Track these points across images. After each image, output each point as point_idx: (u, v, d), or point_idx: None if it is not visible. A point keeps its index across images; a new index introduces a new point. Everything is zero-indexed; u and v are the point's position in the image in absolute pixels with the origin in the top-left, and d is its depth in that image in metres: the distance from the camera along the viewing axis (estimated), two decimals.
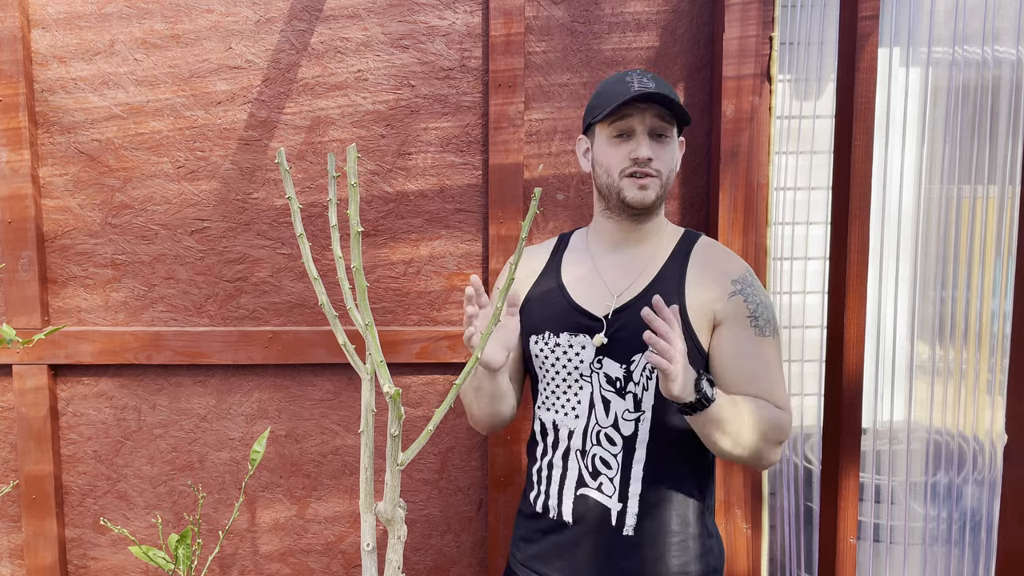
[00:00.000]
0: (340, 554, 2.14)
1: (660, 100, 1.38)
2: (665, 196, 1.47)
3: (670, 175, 1.45)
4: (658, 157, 1.42)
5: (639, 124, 1.41)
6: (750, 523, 2.03)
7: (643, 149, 1.40)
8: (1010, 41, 1.55)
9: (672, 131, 1.44)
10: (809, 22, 2.06)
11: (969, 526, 1.69)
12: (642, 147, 1.41)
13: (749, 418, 1.34)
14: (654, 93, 1.37)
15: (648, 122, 1.41)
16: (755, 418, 1.35)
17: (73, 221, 2.03)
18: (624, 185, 1.43)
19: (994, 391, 1.62)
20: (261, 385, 2.08)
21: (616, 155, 1.43)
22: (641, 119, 1.41)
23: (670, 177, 1.46)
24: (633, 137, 1.42)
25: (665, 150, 1.43)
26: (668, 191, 1.47)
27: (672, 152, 1.45)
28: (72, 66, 1.99)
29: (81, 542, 2.13)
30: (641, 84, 1.40)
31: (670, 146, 1.44)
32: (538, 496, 1.51)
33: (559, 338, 1.47)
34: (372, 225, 2.04)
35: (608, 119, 1.42)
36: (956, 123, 1.69)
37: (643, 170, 1.41)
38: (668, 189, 1.46)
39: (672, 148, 1.45)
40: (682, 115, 1.42)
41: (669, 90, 1.42)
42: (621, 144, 1.43)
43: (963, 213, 1.69)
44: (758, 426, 1.35)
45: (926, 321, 1.81)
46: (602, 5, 1.99)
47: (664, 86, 1.42)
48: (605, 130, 1.44)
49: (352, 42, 1.99)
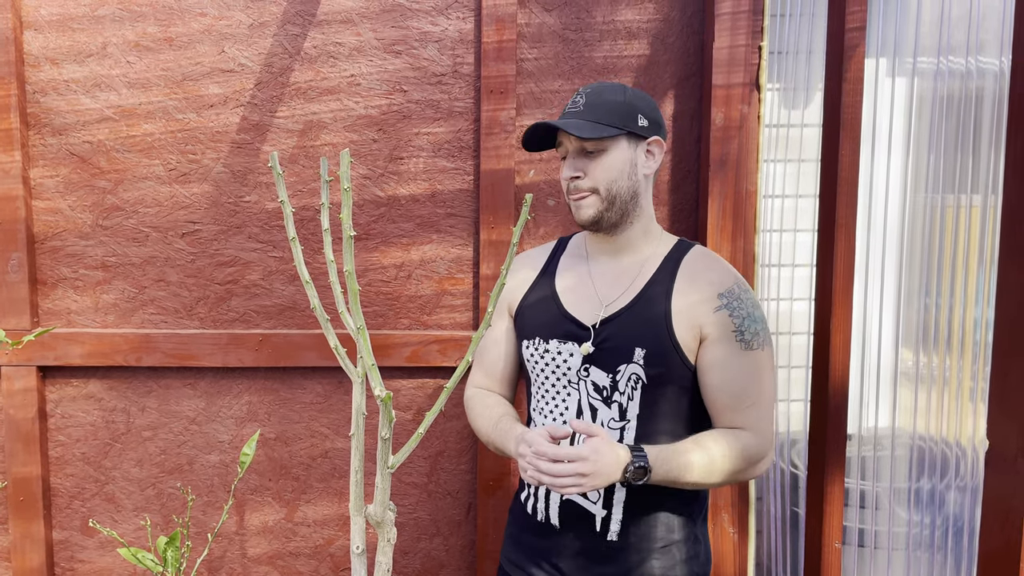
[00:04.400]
0: (329, 557, 2.14)
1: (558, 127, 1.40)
2: (622, 208, 1.43)
3: (611, 188, 1.41)
4: (589, 173, 1.41)
5: (569, 144, 1.44)
6: (737, 527, 2.04)
7: (565, 170, 1.44)
8: (993, 52, 1.58)
9: (605, 143, 1.40)
10: (798, 32, 2.09)
11: (952, 531, 1.71)
12: (564, 168, 1.44)
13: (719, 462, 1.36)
14: (552, 124, 1.40)
15: (575, 142, 1.42)
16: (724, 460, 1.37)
17: (64, 223, 2.03)
18: (570, 204, 1.47)
19: (976, 398, 1.63)
20: (251, 388, 2.09)
21: (562, 176, 1.47)
22: (568, 138, 1.43)
23: (612, 189, 1.41)
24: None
25: (597, 163, 1.40)
26: (623, 203, 1.43)
27: (607, 164, 1.40)
28: (64, 68, 1.99)
29: (69, 544, 2.13)
30: (572, 104, 1.43)
31: (603, 159, 1.40)
32: (528, 498, 1.53)
33: (549, 344, 1.48)
34: (364, 229, 2.05)
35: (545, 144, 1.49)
36: (940, 133, 1.72)
37: (574, 188, 1.43)
38: (620, 201, 1.42)
39: (607, 160, 1.40)
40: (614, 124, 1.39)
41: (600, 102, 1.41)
42: (564, 164, 1.46)
43: (947, 222, 1.71)
44: (727, 466, 1.37)
45: (911, 328, 1.83)
46: (594, 13, 2.01)
47: (598, 98, 1.41)
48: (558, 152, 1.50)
49: (345, 47, 2.00)
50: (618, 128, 1.39)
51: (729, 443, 1.38)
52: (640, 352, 1.40)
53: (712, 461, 1.35)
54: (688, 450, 1.35)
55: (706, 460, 1.35)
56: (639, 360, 1.40)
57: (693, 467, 1.34)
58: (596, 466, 1.26)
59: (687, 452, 1.35)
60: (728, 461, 1.36)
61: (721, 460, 1.36)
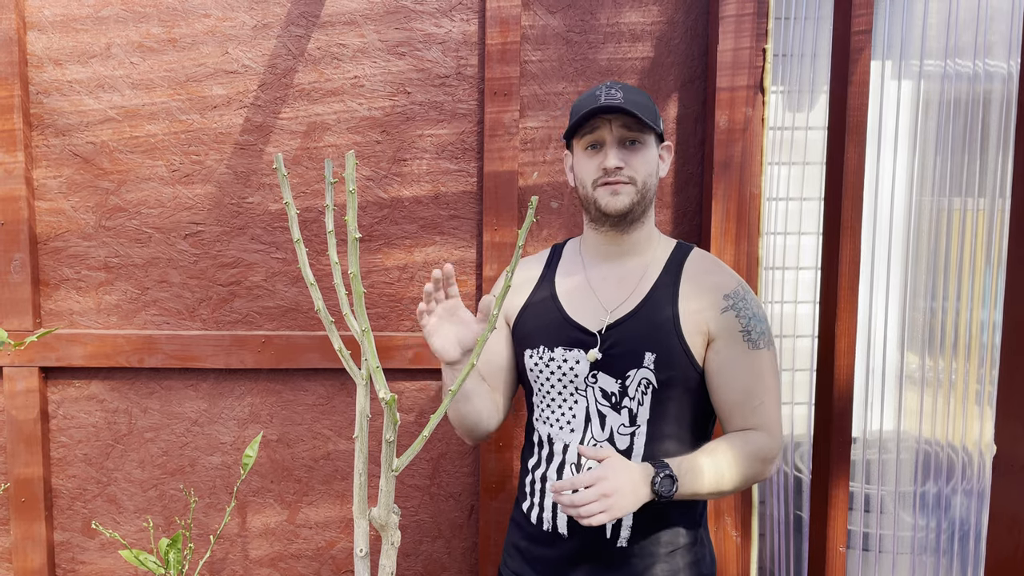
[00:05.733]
0: (330, 559, 2.14)
1: (621, 110, 1.38)
2: (647, 204, 1.46)
3: (647, 181, 1.44)
4: (630, 164, 1.42)
5: (608, 134, 1.42)
6: (740, 531, 2.04)
7: (611, 159, 1.42)
8: (1001, 55, 1.57)
9: (646, 137, 1.43)
10: (802, 34, 2.08)
11: (958, 536, 1.71)
12: (610, 156, 1.42)
13: (728, 470, 1.36)
14: (616, 105, 1.38)
15: (616, 132, 1.42)
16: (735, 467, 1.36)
17: (66, 223, 2.03)
18: (598, 195, 1.44)
19: (983, 402, 1.63)
20: (253, 389, 2.08)
21: (589, 167, 1.45)
22: (609, 129, 1.42)
23: (647, 184, 1.44)
24: (603, 148, 1.43)
25: (638, 157, 1.43)
26: (650, 199, 1.46)
27: (647, 158, 1.44)
28: (68, 69, 1.98)
29: (70, 546, 2.12)
30: (608, 96, 1.42)
31: (644, 152, 1.43)
32: (532, 507, 1.51)
33: (553, 352, 1.47)
34: (367, 231, 2.04)
35: (581, 132, 1.45)
36: (947, 136, 1.71)
37: (613, 178, 1.42)
38: (649, 196, 1.45)
39: (647, 154, 1.44)
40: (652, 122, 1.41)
41: (639, 100, 1.42)
42: (594, 156, 1.44)
43: (953, 225, 1.71)
44: (738, 473, 1.37)
45: (916, 332, 1.83)
46: (598, 15, 2.00)
47: (634, 96, 1.42)
48: (580, 143, 1.47)
49: (349, 48, 2.00)
50: (654, 126, 1.42)
51: (742, 447, 1.38)
52: (650, 356, 1.39)
53: (728, 467, 1.35)
54: (703, 460, 1.35)
55: (722, 466, 1.35)
56: (649, 364, 1.39)
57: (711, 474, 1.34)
58: (616, 483, 1.25)
59: (703, 461, 1.34)
60: (743, 465, 1.36)
61: (736, 465, 1.36)
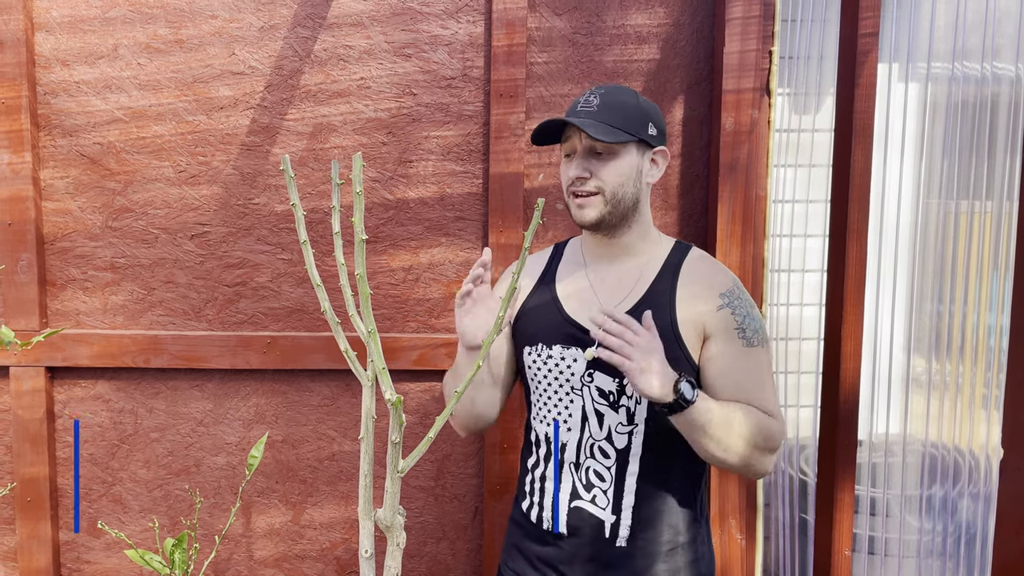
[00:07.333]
0: (335, 560, 2.14)
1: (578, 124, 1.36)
2: (623, 212, 1.43)
3: (617, 192, 1.41)
4: (597, 174, 1.40)
5: (579, 143, 1.42)
6: (744, 533, 2.03)
7: (572, 169, 1.42)
8: (1009, 57, 1.57)
9: (617, 146, 1.40)
10: (808, 37, 2.08)
11: (964, 539, 1.70)
12: (572, 167, 1.42)
13: (738, 424, 1.35)
14: (571, 120, 1.37)
15: (585, 140, 1.40)
16: (744, 424, 1.35)
17: (73, 224, 2.04)
18: (570, 204, 1.45)
19: (990, 405, 1.62)
20: (259, 390, 2.08)
21: (564, 174, 1.45)
22: (579, 138, 1.41)
23: (618, 194, 1.41)
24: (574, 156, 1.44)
25: (608, 166, 1.40)
26: (625, 207, 1.43)
27: (618, 167, 1.40)
28: (75, 69, 1.99)
29: (75, 545, 2.13)
30: (585, 103, 1.41)
31: (614, 162, 1.40)
32: (531, 507, 1.52)
33: (551, 350, 1.48)
34: (372, 232, 2.04)
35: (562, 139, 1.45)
36: (955, 139, 1.71)
37: (578, 189, 1.42)
38: (623, 205, 1.42)
39: (618, 163, 1.40)
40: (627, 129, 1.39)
41: (617, 106, 1.40)
42: (568, 164, 1.45)
43: (960, 228, 1.70)
44: (747, 432, 1.36)
45: (922, 335, 1.82)
46: (604, 17, 2.00)
47: (615, 99, 1.40)
48: (561, 151, 1.48)
49: (355, 50, 2.00)
50: (631, 134, 1.39)
51: (754, 414, 1.38)
52: None
53: (738, 423, 1.34)
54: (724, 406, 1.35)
55: (734, 419, 1.34)
56: None
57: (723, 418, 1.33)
58: (654, 346, 1.28)
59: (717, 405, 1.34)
60: (752, 430, 1.35)
61: (746, 425, 1.35)
